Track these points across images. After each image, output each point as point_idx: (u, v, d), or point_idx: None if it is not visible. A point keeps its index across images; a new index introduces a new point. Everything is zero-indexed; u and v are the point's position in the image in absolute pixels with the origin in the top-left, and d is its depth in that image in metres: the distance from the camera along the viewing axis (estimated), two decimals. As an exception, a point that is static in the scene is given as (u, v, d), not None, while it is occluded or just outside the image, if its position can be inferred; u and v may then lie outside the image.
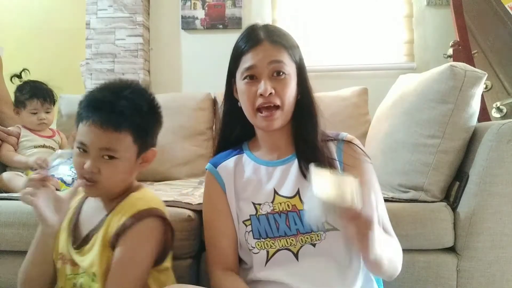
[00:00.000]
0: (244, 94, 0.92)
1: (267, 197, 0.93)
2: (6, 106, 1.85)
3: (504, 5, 2.11)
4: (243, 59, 0.91)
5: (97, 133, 0.84)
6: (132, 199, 0.90)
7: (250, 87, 0.90)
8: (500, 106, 1.98)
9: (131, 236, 0.85)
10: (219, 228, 0.95)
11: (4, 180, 1.57)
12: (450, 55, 2.09)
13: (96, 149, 0.85)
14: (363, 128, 1.82)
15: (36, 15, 3.38)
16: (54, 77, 1.85)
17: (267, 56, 0.89)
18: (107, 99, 0.86)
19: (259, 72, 0.89)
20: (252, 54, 0.90)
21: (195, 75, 2.70)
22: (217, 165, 1.00)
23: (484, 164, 1.13)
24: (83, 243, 0.90)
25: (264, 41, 0.90)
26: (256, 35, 0.92)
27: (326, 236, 0.87)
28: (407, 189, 1.25)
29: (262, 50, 0.89)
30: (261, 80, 0.89)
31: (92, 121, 0.84)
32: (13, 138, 1.69)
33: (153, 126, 0.94)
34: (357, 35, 2.58)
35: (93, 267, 0.86)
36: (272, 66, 0.89)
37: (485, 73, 1.17)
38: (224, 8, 2.65)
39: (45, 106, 1.73)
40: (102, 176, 0.86)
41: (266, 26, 0.95)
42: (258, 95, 0.89)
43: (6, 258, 1.25)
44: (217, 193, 0.97)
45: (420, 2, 2.55)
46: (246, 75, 0.90)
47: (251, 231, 0.91)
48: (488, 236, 1.14)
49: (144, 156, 0.93)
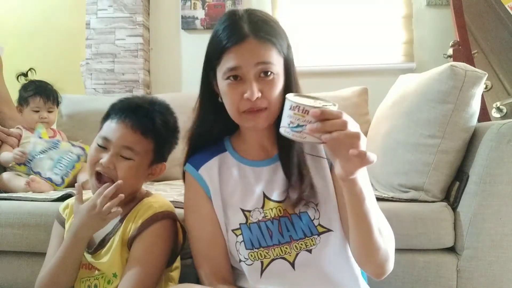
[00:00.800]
0: (227, 95, 0.83)
1: (257, 202, 0.87)
2: (6, 106, 1.85)
3: (504, 5, 2.11)
4: (225, 56, 0.80)
5: (125, 131, 0.90)
6: (148, 203, 0.94)
7: (235, 89, 0.81)
8: (500, 106, 1.98)
9: (148, 236, 0.90)
10: (208, 238, 0.88)
11: (3, 180, 1.57)
12: (450, 55, 2.09)
13: (118, 146, 0.89)
14: (363, 128, 1.81)
15: (36, 15, 3.38)
16: (54, 77, 1.85)
17: (253, 56, 0.79)
18: (144, 105, 0.94)
19: (244, 73, 0.80)
20: (236, 53, 0.79)
21: (195, 75, 2.67)
22: (198, 167, 0.91)
23: (484, 164, 1.13)
24: (98, 247, 0.93)
25: (249, 37, 0.79)
26: (239, 28, 0.80)
27: (320, 240, 0.84)
28: (407, 189, 1.25)
29: (248, 49, 0.79)
30: (246, 81, 0.80)
31: (123, 120, 0.90)
32: (12, 138, 1.69)
33: (172, 142, 1.00)
34: (357, 35, 2.58)
35: (114, 268, 0.90)
36: (260, 67, 0.79)
37: (485, 73, 1.17)
38: (224, 8, 2.65)
39: (48, 105, 1.73)
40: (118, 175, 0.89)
41: (250, 15, 0.82)
42: (244, 98, 0.80)
43: (6, 258, 1.25)
44: (201, 198, 0.90)
45: (420, 2, 2.55)
46: (229, 75, 0.81)
47: (242, 241, 0.85)
48: (488, 236, 1.14)
49: (155, 168, 0.98)
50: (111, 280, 0.91)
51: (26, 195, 1.34)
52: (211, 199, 0.89)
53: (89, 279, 0.93)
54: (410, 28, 2.56)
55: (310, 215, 0.85)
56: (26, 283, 1.22)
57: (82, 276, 0.93)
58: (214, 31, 0.85)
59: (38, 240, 1.20)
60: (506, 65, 2.08)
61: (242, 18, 0.82)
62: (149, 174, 0.98)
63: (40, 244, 1.20)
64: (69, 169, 1.59)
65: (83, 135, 1.91)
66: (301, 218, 0.85)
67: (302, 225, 0.84)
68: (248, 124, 0.85)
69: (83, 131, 1.92)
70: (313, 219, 0.85)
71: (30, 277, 1.18)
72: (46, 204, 1.26)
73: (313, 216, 0.85)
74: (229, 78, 0.81)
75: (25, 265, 1.24)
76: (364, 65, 2.57)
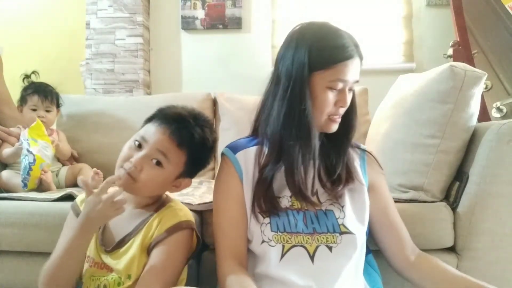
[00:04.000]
0: (324, 100, 0.89)
1: (287, 191, 0.92)
2: (6, 106, 1.85)
3: (504, 5, 2.11)
4: (337, 67, 0.88)
5: (162, 137, 0.90)
6: (174, 210, 0.95)
7: (334, 96, 0.90)
8: (500, 106, 1.98)
9: (169, 243, 0.90)
10: (231, 217, 0.93)
11: (3, 178, 1.57)
12: (450, 55, 2.09)
13: (154, 148, 0.89)
14: (363, 128, 1.82)
15: (36, 15, 3.38)
16: (54, 77, 1.85)
17: (355, 74, 0.90)
18: (187, 118, 0.94)
19: (345, 86, 0.90)
20: (348, 68, 0.88)
21: (195, 75, 2.71)
22: (236, 151, 0.97)
23: (484, 164, 1.13)
24: (117, 246, 0.92)
25: (357, 56, 0.90)
26: (348, 44, 0.90)
27: (342, 239, 0.88)
28: (407, 189, 1.25)
29: (354, 66, 0.90)
30: (342, 91, 0.90)
31: (164, 126, 0.91)
32: (13, 138, 1.69)
33: (205, 161, 1.00)
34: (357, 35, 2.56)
35: (130, 271, 0.90)
36: (354, 84, 0.92)
37: (485, 73, 1.17)
38: (224, 8, 2.65)
39: (45, 104, 1.73)
40: (141, 176, 0.88)
41: (348, 33, 0.94)
42: (338, 106, 0.90)
43: (6, 258, 1.25)
44: (233, 180, 0.95)
45: (420, 2, 2.56)
46: (337, 87, 0.89)
47: (269, 223, 0.89)
48: (488, 236, 1.14)
49: (181, 181, 0.97)
50: (123, 281, 0.90)
51: (26, 195, 1.34)
52: (242, 183, 0.94)
53: (99, 278, 0.92)
54: (410, 28, 2.56)
55: (336, 213, 0.91)
56: (26, 283, 1.22)
57: (94, 274, 0.93)
58: (317, 40, 0.89)
59: (38, 240, 1.20)
60: (506, 65, 2.08)
61: (347, 36, 0.91)
62: (173, 186, 0.97)
63: (40, 244, 1.20)
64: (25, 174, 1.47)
65: (83, 135, 1.91)
66: (326, 215, 0.91)
67: (327, 220, 0.90)
68: (326, 126, 0.92)
69: (83, 131, 1.92)
70: (338, 217, 0.91)
71: (30, 277, 1.18)
72: (46, 204, 1.26)
73: (338, 216, 0.91)
74: (333, 88, 0.89)
75: (25, 265, 1.24)
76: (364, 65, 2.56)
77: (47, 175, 1.52)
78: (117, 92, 2.65)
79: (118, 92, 2.65)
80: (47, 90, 1.75)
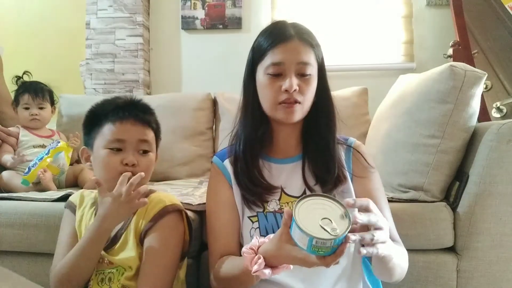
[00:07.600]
0: (266, 88, 0.89)
1: (274, 195, 0.93)
2: (6, 106, 1.85)
3: (504, 5, 2.11)
4: (269, 53, 0.88)
5: (132, 128, 0.92)
6: (157, 197, 0.96)
7: (274, 82, 0.88)
8: (500, 106, 1.98)
9: (161, 229, 0.92)
10: (222, 219, 0.94)
11: (3, 179, 1.57)
12: (450, 55, 2.09)
13: (134, 142, 0.92)
14: (363, 128, 1.82)
15: (36, 15, 3.38)
16: (54, 77, 1.85)
17: (296, 56, 0.87)
18: (128, 102, 0.96)
19: (285, 69, 0.87)
20: (281, 50, 0.87)
21: (195, 75, 2.70)
22: (223, 159, 0.99)
23: (484, 164, 1.13)
24: (112, 244, 0.94)
25: (294, 38, 0.88)
26: (285, 30, 0.89)
27: None
28: (407, 189, 1.25)
29: (291, 48, 0.87)
30: (285, 76, 0.87)
31: (127, 118, 0.92)
32: (12, 138, 1.70)
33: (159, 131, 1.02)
34: (357, 35, 2.58)
35: (130, 263, 0.92)
36: (300, 66, 0.88)
37: (485, 73, 1.17)
38: (224, 8, 2.65)
39: (37, 101, 1.73)
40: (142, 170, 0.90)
41: (294, 23, 0.93)
42: (282, 90, 0.87)
43: (6, 258, 1.25)
44: (223, 185, 0.97)
45: (420, 2, 2.55)
46: (272, 71, 0.88)
47: (258, 228, 0.91)
48: (488, 236, 1.14)
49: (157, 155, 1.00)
50: (125, 271, 0.92)
51: (26, 195, 1.34)
52: (232, 187, 0.96)
53: (103, 271, 0.94)
54: (410, 28, 2.56)
55: None
56: (26, 283, 1.22)
57: (98, 269, 0.94)
58: (260, 35, 0.93)
59: (38, 240, 1.20)
60: (506, 65, 2.08)
61: (287, 24, 0.91)
62: None
63: (40, 244, 1.20)
64: (38, 160, 1.55)
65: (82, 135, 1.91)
66: None
67: None
68: (281, 115, 0.90)
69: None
70: None
71: (30, 277, 1.16)
72: (46, 204, 1.26)
73: None
74: (270, 73, 0.88)
75: (25, 265, 1.24)
76: (364, 65, 2.57)
77: (45, 175, 1.52)
78: (117, 92, 2.65)
79: (118, 92, 2.64)
80: (37, 88, 1.75)
